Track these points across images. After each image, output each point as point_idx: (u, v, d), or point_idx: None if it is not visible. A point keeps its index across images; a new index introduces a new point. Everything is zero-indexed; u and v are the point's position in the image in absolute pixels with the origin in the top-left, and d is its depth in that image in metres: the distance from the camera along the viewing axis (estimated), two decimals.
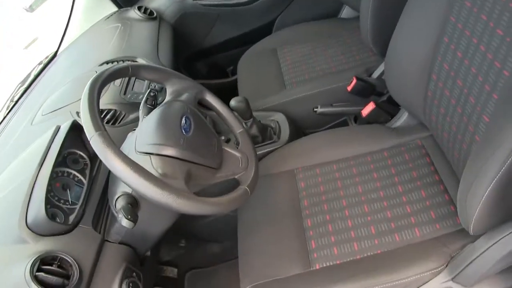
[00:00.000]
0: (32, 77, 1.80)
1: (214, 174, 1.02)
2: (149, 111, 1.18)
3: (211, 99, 1.19)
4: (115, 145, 0.84)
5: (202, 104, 1.18)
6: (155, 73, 1.09)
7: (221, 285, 1.65)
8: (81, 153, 1.13)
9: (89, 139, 0.85)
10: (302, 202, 1.25)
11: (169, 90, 1.14)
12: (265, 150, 1.48)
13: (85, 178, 1.11)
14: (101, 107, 1.32)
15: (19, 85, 1.84)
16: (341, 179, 1.27)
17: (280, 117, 1.60)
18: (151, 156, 0.93)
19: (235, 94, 1.86)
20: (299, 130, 1.67)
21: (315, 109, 1.49)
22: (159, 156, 0.93)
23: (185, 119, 1.01)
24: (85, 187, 1.09)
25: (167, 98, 1.13)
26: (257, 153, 1.42)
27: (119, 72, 1.01)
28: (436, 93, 1.10)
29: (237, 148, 1.12)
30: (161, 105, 1.08)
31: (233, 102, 1.42)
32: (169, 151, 0.94)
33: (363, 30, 1.48)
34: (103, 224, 1.06)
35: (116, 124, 1.28)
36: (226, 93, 2.20)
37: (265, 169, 1.38)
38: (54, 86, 1.52)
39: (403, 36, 1.18)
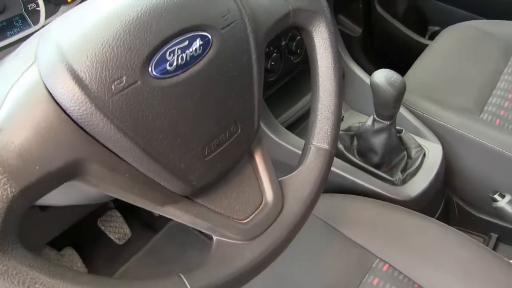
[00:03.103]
0: None
1: (164, 204, 0.40)
2: None
3: (321, 42, 0.51)
4: None
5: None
6: None
7: None
8: None
9: None
10: None
11: None
12: (367, 186, 0.81)
13: None
14: None
15: None
16: None
17: (434, 151, 0.91)
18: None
19: (408, 64, 1.16)
20: (444, 189, 0.95)
21: (494, 195, 0.77)
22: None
23: (200, 39, 0.37)
24: None
25: None
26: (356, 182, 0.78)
27: None
28: None
29: (284, 177, 0.48)
30: None
31: (379, 77, 0.76)
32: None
33: None
34: None
35: None
36: (398, 55, 1.56)
37: (334, 212, 0.74)
38: None
39: None
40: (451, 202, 1.01)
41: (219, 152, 0.41)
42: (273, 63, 0.89)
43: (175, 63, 0.36)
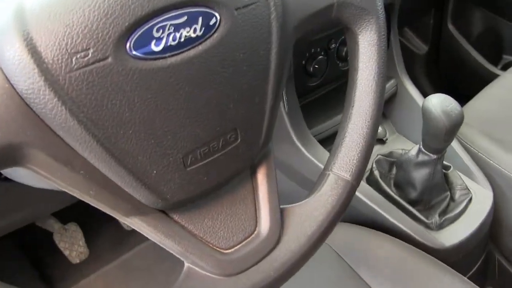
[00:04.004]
0: None
1: (128, 214, 0.32)
2: None
3: (366, 48, 0.42)
4: None
5: None
6: None
7: None
8: None
9: None
10: None
11: None
12: (396, 224, 0.71)
13: None
14: None
15: None
16: None
17: (483, 198, 0.79)
18: None
19: (472, 93, 1.03)
20: (486, 243, 0.83)
21: None
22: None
23: (204, 17, 0.29)
24: None
25: None
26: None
27: None
28: None
29: (289, 205, 0.39)
30: None
31: (434, 103, 0.67)
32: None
33: None
34: None
35: None
36: (463, 81, 1.44)
37: (351, 247, 0.65)
38: None
39: None
40: (491, 258, 0.88)
41: (206, 163, 0.33)
42: (316, 66, 0.80)
43: (163, 43, 0.28)
